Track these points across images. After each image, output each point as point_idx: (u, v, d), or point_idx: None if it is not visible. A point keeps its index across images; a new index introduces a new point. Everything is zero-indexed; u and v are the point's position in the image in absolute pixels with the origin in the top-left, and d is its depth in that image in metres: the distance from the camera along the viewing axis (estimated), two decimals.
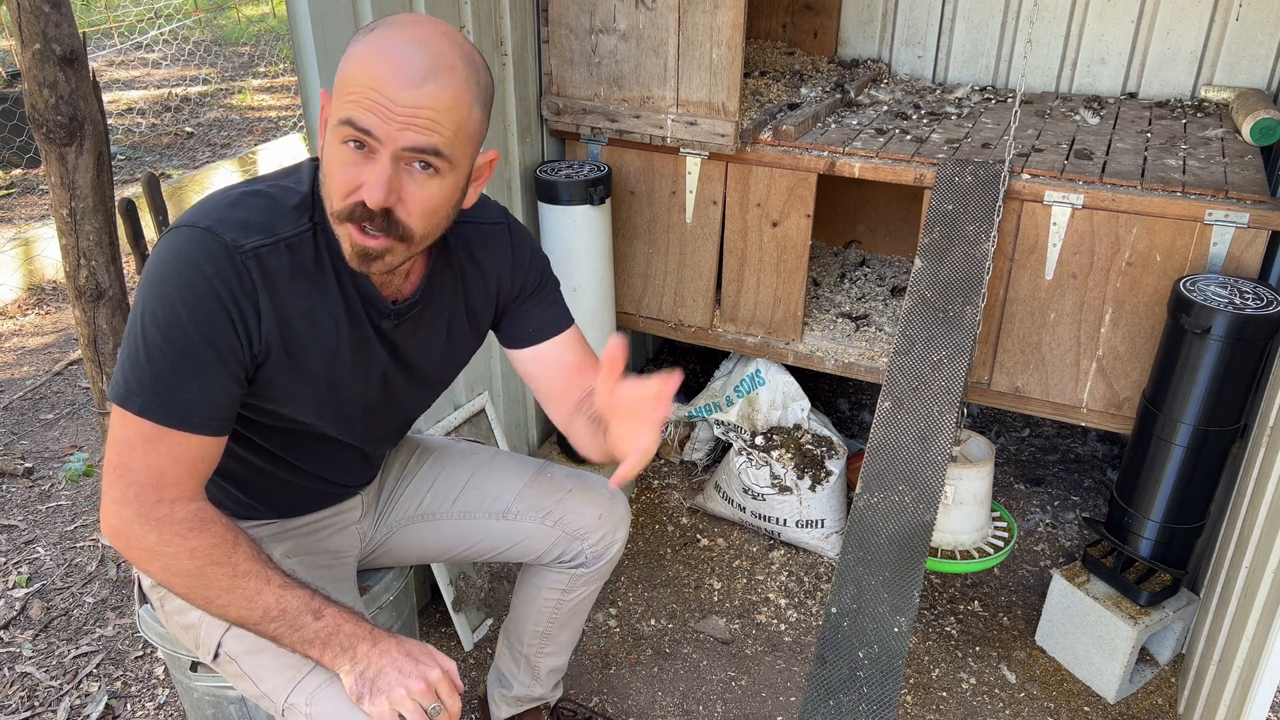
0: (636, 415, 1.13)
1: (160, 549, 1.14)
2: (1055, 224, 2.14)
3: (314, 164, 1.25)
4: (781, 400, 2.67)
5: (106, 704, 2.14)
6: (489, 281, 1.42)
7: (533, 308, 1.48)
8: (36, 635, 2.34)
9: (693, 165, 2.44)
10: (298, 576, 1.20)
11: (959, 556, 2.20)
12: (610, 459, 1.30)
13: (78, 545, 2.64)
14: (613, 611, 2.41)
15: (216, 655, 1.34)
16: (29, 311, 4.01)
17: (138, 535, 1.14)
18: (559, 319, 1.49)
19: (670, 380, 1.10)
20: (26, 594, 2.46)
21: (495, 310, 1.47)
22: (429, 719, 1.15)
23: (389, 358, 1.33)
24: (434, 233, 1.18)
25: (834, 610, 1.89)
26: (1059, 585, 2.22)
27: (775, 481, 2.56)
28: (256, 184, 1.22)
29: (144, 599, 1.48)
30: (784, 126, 2.36)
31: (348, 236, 1.14)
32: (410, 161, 1.11)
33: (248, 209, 1.17)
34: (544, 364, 1.49)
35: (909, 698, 2.17)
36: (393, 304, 1.29)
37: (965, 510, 2.18)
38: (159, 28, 7.66)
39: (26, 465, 2.96)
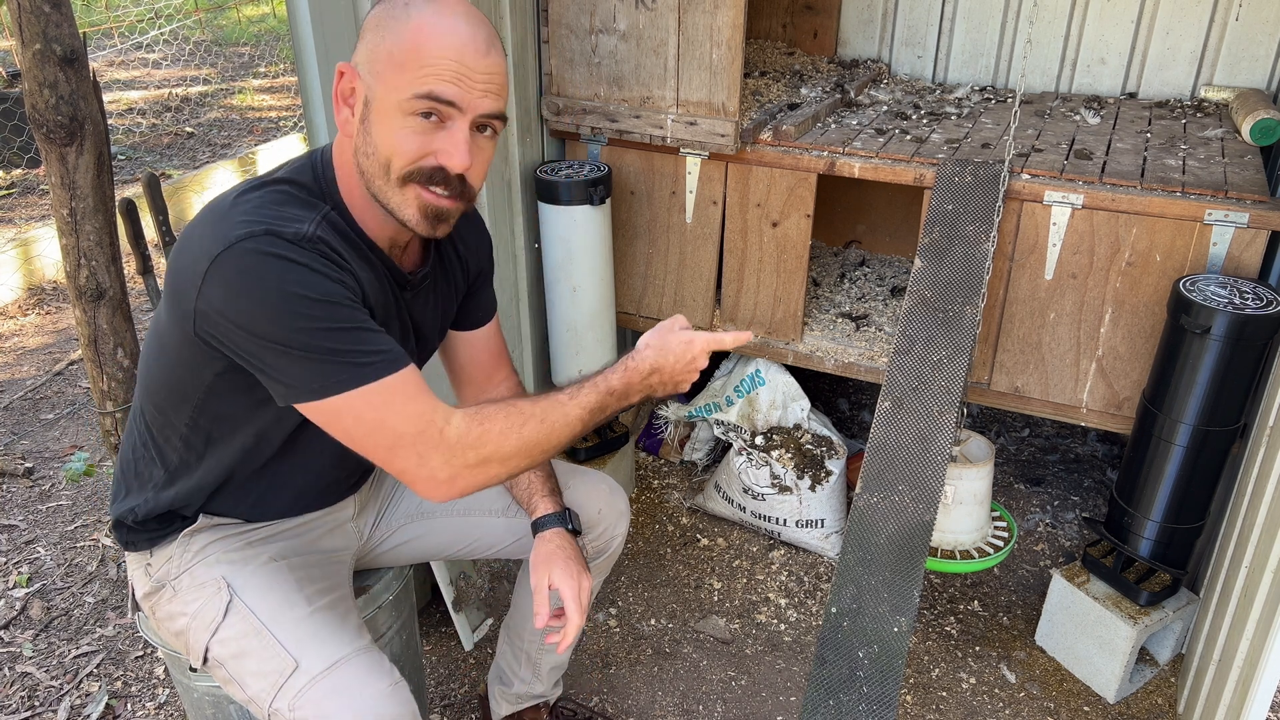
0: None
1: (486, 455, 1.17)
2: (1055, 224, 2.14)
3: (316, 154, 1.27)
4: (781, 400, 2.67)
5: (107, 704, 2.14)
6: (468, 257, 1.49)
7: (485, 289, 1.56)
8: (37, 635, 2.34)
9: (693, 165, 2.44)
10: (583, 382, 1.27)
11: (959, 556, 2.20)
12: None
13: (78, 545, 2.64)
14: (613, 611, 2.41)
15: (206, 660, 1.34)
16: (29, 312, 4.01)
17: (461, 467, 1.17)
18: (494, 302, 1.59)
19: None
20: (27, 594, 2.46)
21: (468, 286, 1.52)
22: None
23: (404, 328, 1.37)
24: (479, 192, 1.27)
25: (834, 610, 1.89)
26: (1059, 585, 2.22)
27: (775, 481, 2.56)
28: (260, 182, 1.22)
29: (136, 607, 1.48)
30: (784, 126, 2.36)
31: (414, 200, 1.19)
32: (479, 126, 1.18)
33: (276, 202, 1.18)
34: (477, 347, 1.58)
35: (909, 698, 2.17)
36: (408, 275, 1.33)
37: (965, 510, 2.18)
38: (159, 28, 7.66)
39: (26, 465, 2.96)
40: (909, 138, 2.42)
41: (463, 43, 1.13)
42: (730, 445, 2.71)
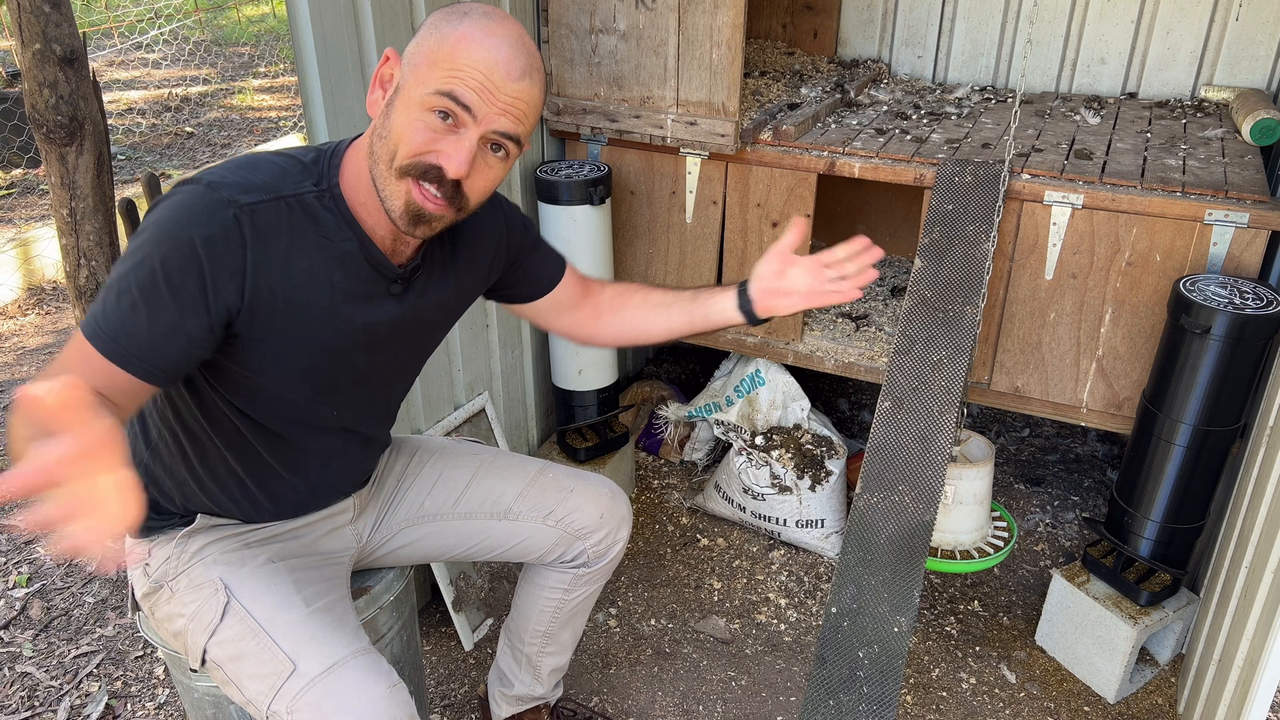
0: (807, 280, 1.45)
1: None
2: (1055, 224, 2.14)
3: (331, 143, 1.30)
4: (781, 400, 2.67)
5: (107, 704, 2.14)
6: (484, 243, 1.48)
7: (537, 263, 1.57)
8: (37, 635, 2.34)
9: (693, 165, 2.44)
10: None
11: (959, 556, 2.20)
12: (621, 341, 1.64)
13: None
14: (613, 611, 2.41)
15: (204, 661, 1.34)
16: (29, 312, 4.01)
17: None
18: (559, 262, 1.60)
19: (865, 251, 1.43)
20: (26, 594, 2.46)
21: (496, 272, 1.52)
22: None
23: (389, 322, 1.35)
24: (478, 207, 1.28)
25: (834, 610, 1.89)
26: (1059, 585, 2.22)
27: (775, 481, 2.56)
28: (268, 152, 1.26)
29: (136, 607, 1.48)
30: (784, 126, 2.36)
31: (404, 193, 1.20)
32: (492, 143, 1.21)
33: (253, 169, 1.21)
34: (559, 304, 1.61)
35: (909, 698, 2.17)
36: (399, 268, 1.32)
37: (965, 510, 2.18)
38: (159, 28, 7.66)
39: None
40: (909, 138, 2.42)
41: (497, 60, 1.16)
42: (730, 445, 2.71)
